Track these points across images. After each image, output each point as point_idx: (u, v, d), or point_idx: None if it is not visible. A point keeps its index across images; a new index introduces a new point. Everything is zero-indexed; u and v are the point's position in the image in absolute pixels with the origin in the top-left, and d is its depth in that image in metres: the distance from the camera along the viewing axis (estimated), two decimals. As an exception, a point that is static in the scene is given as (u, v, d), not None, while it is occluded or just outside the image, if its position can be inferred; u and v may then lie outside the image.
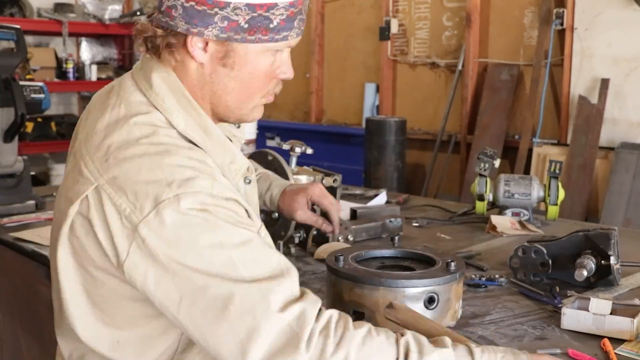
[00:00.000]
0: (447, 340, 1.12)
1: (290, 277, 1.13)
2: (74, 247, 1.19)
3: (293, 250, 2.22)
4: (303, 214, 1.70)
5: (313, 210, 1.78)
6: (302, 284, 1.93)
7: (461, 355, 1.09)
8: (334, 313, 1.11)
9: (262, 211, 2.26)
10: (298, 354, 1.03)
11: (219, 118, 1.31)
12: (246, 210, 1.19)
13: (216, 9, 1.16)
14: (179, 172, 1.12)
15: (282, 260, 1.15)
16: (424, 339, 1.11)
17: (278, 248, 2.02)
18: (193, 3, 1.16)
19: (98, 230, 1.14)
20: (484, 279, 1.91)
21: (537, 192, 2.56)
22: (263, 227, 1.26)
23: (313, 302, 1.11)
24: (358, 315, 1.44)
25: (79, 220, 1.17)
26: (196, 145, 1.21)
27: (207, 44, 1.19)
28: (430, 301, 1.44)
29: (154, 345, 1.21)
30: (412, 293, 1.43)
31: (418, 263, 1.60)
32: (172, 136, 1.19)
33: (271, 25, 1.19)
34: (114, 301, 1.19)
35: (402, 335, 1.10)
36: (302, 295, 1.12)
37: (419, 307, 1.43)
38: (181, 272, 1.08)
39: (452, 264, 1.49)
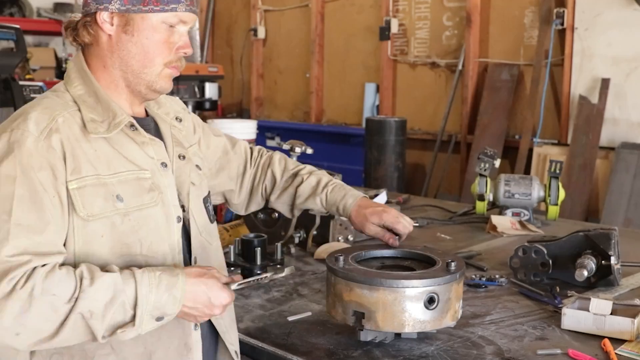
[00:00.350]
0: (114, 267, 1.31)
1: (43, 235, 1.29)
2: None
3: (293, 250, 2.22)
4: (373, 229, 1.78)
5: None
6: (302, 283, 1.94)
7: (126, 277, 1.29)
8: (33, 258, 1.27)
9: (261, 211, 2.27)
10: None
11: (134, 90, 1.48)
12: (65, 163, 1.35)
13: None
14: (25, 115, 1.36)
15: (48, 222, 1.30)
16: (95, 267, 1.29)
17: (277, 249, 2.03)
18: None
19: None
20: (484, 279, 1.91)
21: (537, 192, 2.56)
22: (104, 179, 1.39)
23: (43, 259, 1.27)
24: (358, 316, 1.44)
25: None
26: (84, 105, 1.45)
27: (112, 18, 1.43)
28: (430, 301, 1.43)
29: None
30: (412, 293, 1.42)
31: (418, 263, 1.60)
32: (58, 97, 1.44)
33: None
34: None
35: (77, 267, 1.29)
36: (42, 254, 1.29)
37: (419, 307, 1.43)
38: None
39: (452, 264, 1.48)
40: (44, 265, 1.26)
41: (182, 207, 1.47)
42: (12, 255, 1.24)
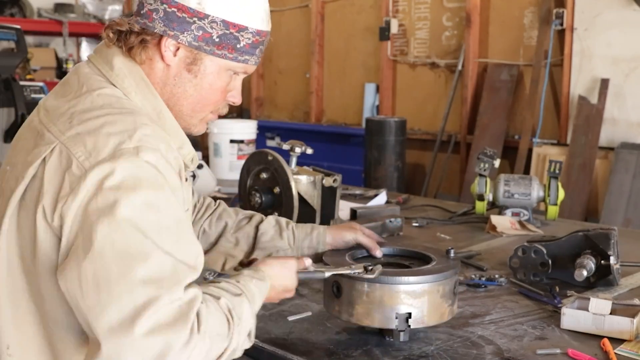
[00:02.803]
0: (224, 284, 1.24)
1: (197, 271, 1.17)
2: (21, 226, 1.19)
3: (293, 250, 2.22)
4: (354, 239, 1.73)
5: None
6: (302, 284, 1.94)
7: (237, 292, 1.23)
8: (198, 293, 1.15)
9: (261, 211, 2.27)
10: (184, 330, 1.08)
11: None
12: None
13: (195, 19, 1.27)
14: (142, 128, 1.18)
15: (199, 253, 1.20)
16: (230, 293, 1.21)
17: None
18: (175, 9, 1.27)
19: (46, 190, 1.14)
20: (484, 279, 1.92)
21: (537, 192, 2.56)
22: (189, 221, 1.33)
23: (200, 290, 1.17)
24: (402, 317, 1.44)
25: (33, 185, 1.17)
26: None
27: (178, 49, 1.29)
28: (455, 289, 1.49)
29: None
30: (447, 285, 1.46)
31: (417, 261, 1.60)
32: (134, 106, 1.27)
33: (238, 46, 1.31)
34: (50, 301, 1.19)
35: (218, 298, 1.19)
36: (196, 284, 1.18)
37: (451, 296, 1.48)
38: (107, 215, 1.09)
39: (451, 252, 1.55)
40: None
41: None
42: (184, 292, 1.11)
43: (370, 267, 1.43)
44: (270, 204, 2.12)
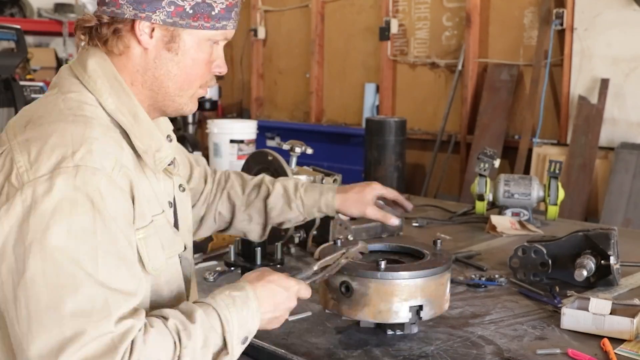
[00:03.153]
0: (185, 302, 1.19)
1: (137, 296, 1.12)
2: None
3: (293, 250, 2.22)
4: (373, 211, 1.76)
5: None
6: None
7: (205, 308, 1.16)
8: (135, 323, 1.09)
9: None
10: None
11: (158, 108, 1.33)
12: (134, 206, 1.18)
13: None
14: (88, 143, 1.12)
15: (139, 279, 1.14)
16: (180, 312, 1.14)
17: (277, 249, 2.03)
18: None
19: None
20: (484, 279, 1.92)
21: (536, 192, 2.56)
22: (155, 224, 1.24)
23: (140, 318, 1.10)
24: (414, 310, 1.46)
25: None
26: (122, 127, 1.23)
27: (153, 30, 1.24)
28: (450, 281, 1.54)
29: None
30: (447, 275, 1.50)
31: (406, 256, 1.60)
32: (97, 114, 1.20)
33: (213, 13, 1.26)
34: None
35: (166, 319, 1.12)
36: (135, 310, 1.11)
37: (448, 287, 1.53)
38: (40, 241, 1.05)
39: (439, 248, 1.58)
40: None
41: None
42: (115, 325, 1.05)
43: (345, 251, 1.45)
44: (270, 204, 2.12)
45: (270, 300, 1.26)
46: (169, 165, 1.31)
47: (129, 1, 1.22)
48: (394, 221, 1.72)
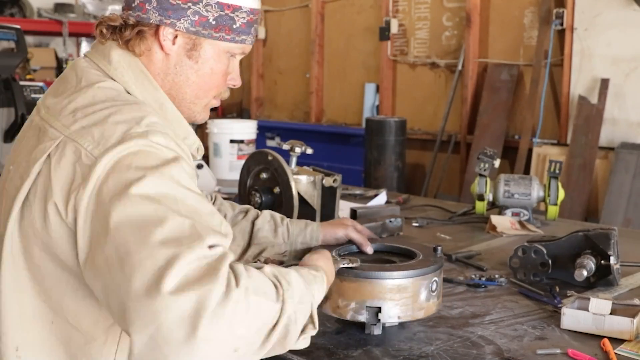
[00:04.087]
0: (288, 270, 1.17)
1: (225, 236, 1.10)
2: (24, 225, 1.17)
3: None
4: (354, 234, 1.72)
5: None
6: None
7: (308, 280, 1.18)
8: (229, 253, 1.08)
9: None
10: (216, 284, 1.00)
11: None
12: None
13: (190, 4, 1.27)
14: (149, 117, 1.17)
15: (222, 221, 1.14)
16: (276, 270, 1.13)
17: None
18: None
19: (55, 185, 1.12)
20: (484, 279, 1.91)
21: (537, 192, 2.56)
22: None
23: (232, 255, 1.08)
24: (371, 311, 1.45)
25: (39, 182, 1.15)
26: None
27: (176, 36, 1.29)
28: (434, 287, 1.49)
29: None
30: (424, 281, 1.47)
31: (405, 257, 1.60)
32: (135, 98, 1.25)
33: (234, 26, 1.31)
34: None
35: (259, 268, 1.11)
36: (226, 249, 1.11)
37: (425, 294, 1.48)
38: (122, 193, 1.06)
39: (438, 250, 1.56)
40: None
41: None
42: (209, 249, 1.03)
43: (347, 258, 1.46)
44: (270, 204, 2.12)
45: (330, 278, 1.32)
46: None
47: (155, 7, 1.27)
48: (369, 250, 1.69)
